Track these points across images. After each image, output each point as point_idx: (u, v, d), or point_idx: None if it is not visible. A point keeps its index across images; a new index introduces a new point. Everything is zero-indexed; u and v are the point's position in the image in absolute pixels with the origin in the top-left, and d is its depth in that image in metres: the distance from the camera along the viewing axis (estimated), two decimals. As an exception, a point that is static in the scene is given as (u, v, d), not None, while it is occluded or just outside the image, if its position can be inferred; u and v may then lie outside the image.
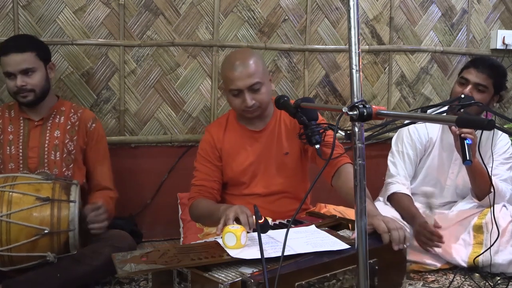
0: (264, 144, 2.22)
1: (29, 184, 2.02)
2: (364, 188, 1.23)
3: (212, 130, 2.28)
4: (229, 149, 2.23)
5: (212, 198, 2.17)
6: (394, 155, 2.62)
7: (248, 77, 2.04)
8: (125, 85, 2.81)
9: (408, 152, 2.58)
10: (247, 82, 2.05)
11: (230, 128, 2.26)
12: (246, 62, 2.07)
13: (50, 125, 2.32)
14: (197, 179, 2.21)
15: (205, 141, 2.26)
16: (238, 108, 2.12)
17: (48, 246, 1.96)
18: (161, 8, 2.80)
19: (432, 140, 2.59)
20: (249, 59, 2.08)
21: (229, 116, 2.30)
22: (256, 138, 2.23)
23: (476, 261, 2.31)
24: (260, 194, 2.22)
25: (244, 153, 2.22)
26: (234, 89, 2.07)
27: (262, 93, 2.09)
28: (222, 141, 2.23)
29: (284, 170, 2.23)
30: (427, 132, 2.59)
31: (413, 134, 2.59)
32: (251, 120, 2.21)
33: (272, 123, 2.23)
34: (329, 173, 2.08)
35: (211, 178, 2.20)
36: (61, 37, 2.67)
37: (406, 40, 3.25)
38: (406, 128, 2.58)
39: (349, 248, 1.63)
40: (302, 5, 3.03)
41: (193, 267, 1.47)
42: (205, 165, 2.22)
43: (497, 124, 1.88)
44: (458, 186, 2.61)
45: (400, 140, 2.62)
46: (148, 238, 2.90)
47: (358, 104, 1.19)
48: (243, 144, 2.23)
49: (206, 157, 2.22)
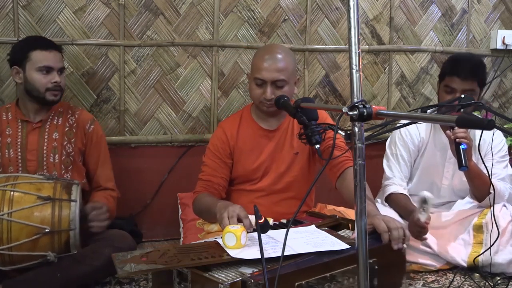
0: (276, 143, 2.24)
1: (30, 184, 2.02)
2: (364, 188, 1.23)
3: (225, 126, 2.28)
4: (242, 146, 2.24)
5: (217, 194, 2.18)
6: (388, 158, 2.63)
7: (275, 71, 2.08)
8: (125, 85, 2.81)
9: (401, 154, 2.59)
10: (273, 76, 2.08)
11: (244, 126, 2.27)
12: (279, 57, 2.11)
13: (48, 127, 2.32)
14: (204, 174, 2.22)
15: (217, 137, 2.27)
16: (257, 98, 2.14)
17: (49, 245, 1.96)
18: (161, 8, 2.80)
19: (424, 140, 2.59)
20: (282, 55, 2.12)
21: (243, 113, 2.31)
22: (269, 137, 2.24)
23: (476, 261, 2.30)
24: (266, 192, 2.23)
25: (257, 152, 2.23)
26: (259, 78, 2.10)
27: (284, 91, 2.11)
28: (236, 138, 2.24)
29: (292, 169, 2.24)
30: (419, 132, 2.59)
31: (405, 136, 2.59)
32: (266, 117, 2.23)
33: (286, 123, 2.25)
34: (335, 174, 2.10)
35: (218, 174, 2.21)
36: (61, 37, 2.67)
37: (406, 40, 3.25)
38: (398, 131, 2.59)
39: (349, 248, 1.63)
40: (302, 5, 3.03)
41: (193, 267, 1.47)
42: (214, 161, 2.22)
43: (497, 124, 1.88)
44: (455, 186, 2.60)
45: (393, 143, 2.63)
46: (148, 238, 2.89)
47: (358, 104, 1.19)
48: (256, 142, 2.24)
49: (216, 153, 2.23)
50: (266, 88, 2.10)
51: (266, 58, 2.11)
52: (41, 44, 2.25)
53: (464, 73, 2.40)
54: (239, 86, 2.99)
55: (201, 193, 2.16)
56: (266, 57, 2.11)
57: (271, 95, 2.09)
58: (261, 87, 2.12)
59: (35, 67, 2.22)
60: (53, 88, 2.24)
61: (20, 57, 2.24)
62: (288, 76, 2.12)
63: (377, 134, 2.33)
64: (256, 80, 2.12)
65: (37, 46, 2.23)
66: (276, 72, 2.09)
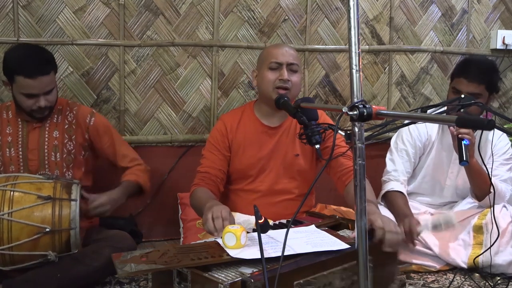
0: (276, 141, 2.24)
1: (30, 183, 2.03)
2: (364, 188, 1.23)
3: (226, 119, 2.30)
4: (241, 140, 2.24)
5: (215, 186, 2.17)
6: (392, 153, 2.62)
7: (290, 56, 2.19)
8: (125, 85, 2.81)
9: (407, 149, 2.58)
10: (289, 59, 2.17)
11: (245, 120, 2.28)
12: (291, 48, 2.24)
13: (48, 125, 2.32)
14: (203, 166, 2.22)
15: (216, 130, 2.28)
16: (271, 83, 2.16)
17: (50, 245, 1.97)
18: (161, 8, 2.80)
19: (431, 139, 2.59)
20: (294, 49, 2.25)
21: (245, 108, 2.33)
22: (270, 134, 2.25)
23: (476, 262, 2.30)
24: (264, 192, 2.23)
25: (255, 147, 2.23)
26: (274, 61, 2.17)
27: (297, 77, 2.20)
28: (235, 131, 2.25)
29: (291, 171, 2.24)
30: (427, 131, 2.60)
31: (413, 132, 2.59)
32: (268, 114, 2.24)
33: (288, 122, 2.25)
34: (343, 183, 2.11)
35: (217, 166, 2.21)
36: (61, 37, 2.67)
37: (406, 40, 3.25)
38: (407, 127, 2.58)
39: (349, 248, 1.63)
40: (302, 5, 3.03)
41: (193, 267, 1.47)
42: (213, 153, 2.23)
43: (497, 124, 1.88)
44: (458, 186, 2.60)
45: (400, 138, 2.62)
46: (148, 238, 2.89)
47: (358, 104, 1.19)
48: (256, 137, 2.24)
49: (216, 145, 2.24)
50: (282, 70, 2.15)
51: (279, 46, 2.24)
52: (27, 70, 2.12)
53: (471, 75, 2.40)
54: (239, 86, 2.99)
55: (198, 188, 2.15)
56: (279, 46, 2.25)
57: (288, 76, 2.14)
58: (276, 71, 2.17)
59: (19, 90, 2.16)
60: (39, 110, 2.21)
61: (7, 75, 2.19)
62: (299, 64, 2.22)
63: (377, 134, 2.33)
64: (271, 64, 2.17)
65: (22, 71, 2.11)
66: (291, 56, 2.18)
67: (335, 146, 2.11)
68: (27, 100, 2.18)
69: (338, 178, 2.15)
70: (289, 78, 2.14)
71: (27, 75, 2.12)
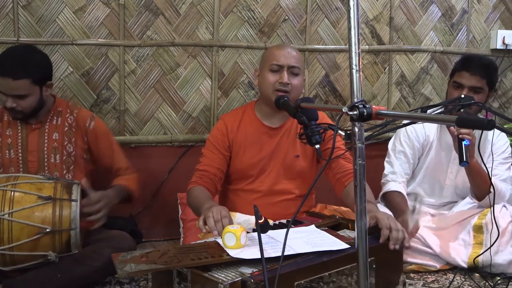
0: (277, 142, 2.24)
1: (31, 184, 2.03)
2: (364, 188, 1.23)
3: (227, 119, 2.30)
4: (241, 141, 2.24)
5: (212, 185, 2.17)
6: (390, 155, 2.63)
7: (292, 58, 2.17)
8: (125, 85, 2.81)
9: (405, 151, 2.58)
10: (290, 61, 2.16)
11: (246, 120, 2.28)
12: (294, 50, 2.22)
13: (48, 127, 2.32)
14: (201, 164, 2.22)
15: (217, 129, 2.28)
16: (271, 85, 2.16)
17: (50, 245, 1.97)
18: (161, 8, 2.80)
19: (429, 139, 2.59)
20: (295, 50, 2.22)
21: (246, 108, 2.33)
22: (270, 134, 2.25)
23: (476, 261, 2.31)
24: (264, 192, 2.23)
25: (256, 147, 2.24)
26: (276, 63, 2.16)
27: (298, 80, 2.18)
28: (236, 131, 2.25)
29: (291, 172, 2.24)
30: (425, 131, 2.60)
31: (411, 133, 2.59)
32: (269, 115, 2.24)
33: (289, 123, 2.25)
34: (342, 184, 2.13)
35: (215, 165, 2.21)
36: (61, 37, 2.67)
37: (406, 40, 3.25)
38: (404, 128, 2.58)
39: (349, 248, 1.63)
40: (302, 5, 3.03)
41: (193, 267, 1.47)
42: (213, 152, 2.23)
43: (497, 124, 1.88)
44: (458, 186, 2.60)
45: (397, 140, 2.62)
46: (148, 238, 2.89)
47: (358, 104, 1.19)
48: (256, 138, 2.24)
49: (215, 144, 2.24)
50: (282, 73, 2.14)
51: (281, 48, 2.21)
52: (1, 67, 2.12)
53: (474, 68, 2.42)
54: (239, 86, 2.99)
55: (195, 186, 2.15)
56: (281, 48, 2.22)
57: (288, 79, 2.13)
58: (276, 73, 2.16)
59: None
60: (9, 110, 2.20)
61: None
62: (301, 67, 2.20)
63: (377, 134, 2.33)
64: (272, 66, 2.16)
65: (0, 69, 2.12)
66: (292, 59, 2.17)
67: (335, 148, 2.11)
68: (2, 96, 2.19)
69: (337, 179, 2.15)
70: (289, 82, 2.13)
71: (0, 72, 2.13)
